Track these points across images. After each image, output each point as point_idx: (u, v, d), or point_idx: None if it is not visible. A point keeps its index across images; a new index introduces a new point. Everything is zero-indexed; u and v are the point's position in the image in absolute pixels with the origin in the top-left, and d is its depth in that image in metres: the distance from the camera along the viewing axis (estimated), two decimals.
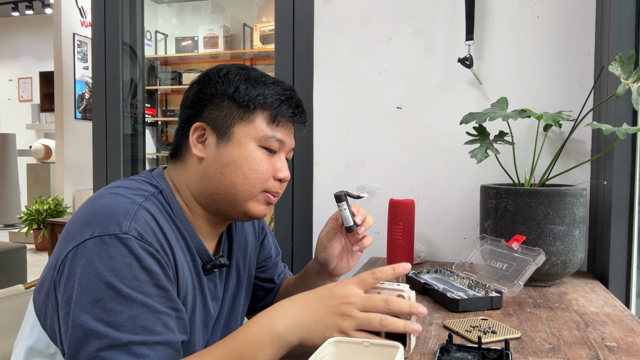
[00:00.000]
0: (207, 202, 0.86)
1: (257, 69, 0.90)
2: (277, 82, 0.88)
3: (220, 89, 0.85)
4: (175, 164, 0.89)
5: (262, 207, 0.87)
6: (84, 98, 5.58)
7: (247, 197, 0.84)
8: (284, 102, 0.86)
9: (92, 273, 0.68)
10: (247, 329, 0.72)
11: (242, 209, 0.86)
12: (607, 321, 0.92)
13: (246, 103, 0.84)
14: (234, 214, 0.87)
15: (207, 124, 0.85)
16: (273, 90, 0.86)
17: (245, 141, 0.84)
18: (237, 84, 0.85)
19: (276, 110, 0.85)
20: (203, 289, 0.88)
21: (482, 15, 1.47)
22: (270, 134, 0.85)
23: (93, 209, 0.74)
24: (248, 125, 0.84)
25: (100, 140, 2.01)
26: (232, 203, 0.85)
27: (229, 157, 0.83)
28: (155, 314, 0.70)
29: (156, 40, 4.94)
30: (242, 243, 1.01)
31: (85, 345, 0.66)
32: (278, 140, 0.86)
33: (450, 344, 0.75)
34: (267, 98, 0.84)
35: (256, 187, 0.84)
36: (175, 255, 0.78)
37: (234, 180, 0.83)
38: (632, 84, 1.08)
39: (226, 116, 0.84)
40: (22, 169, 6.54)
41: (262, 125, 0.84)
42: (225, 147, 0.83)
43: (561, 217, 1.13)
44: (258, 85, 0.85)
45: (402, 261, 1.34)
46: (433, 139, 1.52)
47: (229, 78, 0.85)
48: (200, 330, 0.87)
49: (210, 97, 0.85)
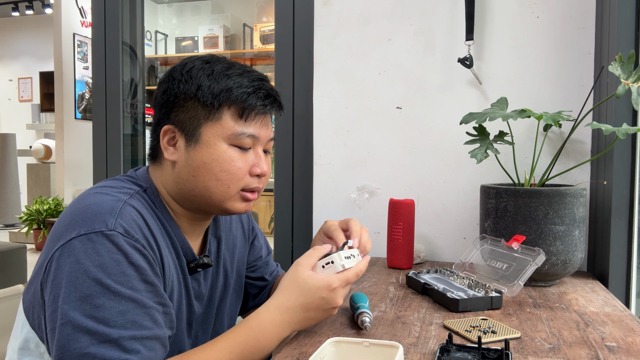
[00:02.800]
0: (186, 202, 0.86)
1: (226, 59, 0.85)
2: (245, 72, 0.84)
3: (183, 88, 0.82)
4: (153, 166, 0.89)
5: (241, 204, 0.85)
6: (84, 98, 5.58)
7: (223, 198, 0.83)
8: (251, 95, 0.81)
9: (80, 270, 0.68)
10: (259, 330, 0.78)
11: (220, 208, 0.85)
12: (607, 321, 0.92)
13: (210, 101, 0.80)
14: (215, 211, 0.86)
15: (176, 127, 0.83)
16: (238, 83, 0.81)
17: (214, 142, 0.81)
18: (199, 81, 0.81)
19: (243, 105, 0.81)
20: (187, 287, 0.88)
21: (482, 15, 1.47)
22: (240, 131, 0.81)
23: (78, 209, 0.74)
24: (215, 125, 0.81)
25: (100, 140, 2.01)
26: (209, 204, 0.84)
27: (199, 160, 0.81)
28: (144, 309, 0.71)
29: (156, 40, 4.94)
30: (231, 244, 1.01)
31: (75, 341, 0.66)
32: (250, 136, 0.82)
33: (450, 344, 0.75)
34: (231, 93, 0.80)
35: (230, 187, 0.82)
36: (162, 252, 0.78)
37: (207, 183, 0.81)
38: (632, 84, 1.08)
39: (192, 117, 0.81)
40: (22, 169, 6.54)
41: (230, 123, 0.81)
42: (195, 150, 0.81)
43: (561, 217, 1.14)
44: (222, 79, 0.81)
45: (403, 261, 1.35)
46: (433, 139, 1.52)
47: (192, 75, 0.82)
48: (185, 327, 0.88)
49: (175, 98, 0.83)
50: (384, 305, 1.02)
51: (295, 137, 1.71)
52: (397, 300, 1.05)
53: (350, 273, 0.82)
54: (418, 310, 0.98)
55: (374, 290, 1.13)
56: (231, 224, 1.03)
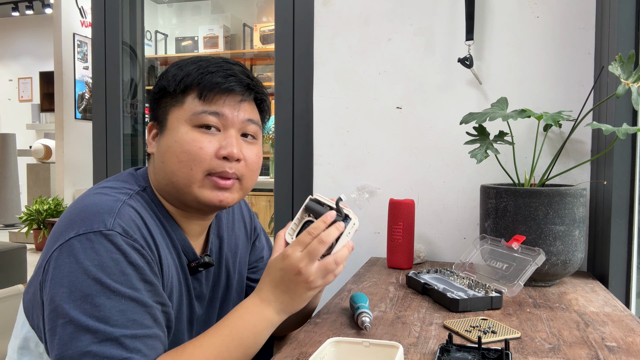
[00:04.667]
0: (167, 195, 0.85)
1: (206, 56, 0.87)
2: (211, 59, 0.84)
3: (159, 84, 0.85)
4: (148, 166, 0.91)
5: (211, 193, 0.81)
6: (84, 98, 5.58)
7: (189, 182, 0.80)
8: (211, 75, 0.81)
9: (79, 270, 0.68)
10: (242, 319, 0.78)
11: (190, 196, 0.82)
12: (607, 321, 0.92)
13: (174, 89, 0.82)
14: (190, 203, 0.83)
15: (154, 121, 0.86)
16: (200, 67, 0.82)
17: (177, 125, 0.81)
18: (169, 74, 0.84)
19: (202, 85, 0.81)
20: (189, 287, 0.88)
21: (482, 15, 1.47)
22: (201, 109, 0.80)
23: (77, 209, 0.75)
24: (179, 109, 0.82)
25: (100, 140, 2.01)
26: (179, 191, 0.82)
27: (165, 145, 0.82)
28: (144, 308, 0.71)
29: (156, 40, 4.94)
30: (233, 244, 1.01)
31: (76, 340, 0.66)
32: (213, 114, 0.81)
33: (450, 344, 0.75)
34: (190, 76, 0.81)
35: (193, 169, 0.80)
36: (160, 252, 0.79)
37: (171, 166, 0.81)
38: (632, 84, 1.08)
39: (163, 108, 0.84)
40: (22, 169, 6.54)
41: (192, 105, 0.81)
42: (163, 137, 0.83)
43: (561, 217, 1.14)
44: (186, 67, 0.83)
45: (403, 261, 1.35)
46: (433, 139, 1.52)
47: (167, 72, 0.85)
48: (186, 327, 0.88)
49: (155, 96, 0.86)
50: (384, 305, 1.02)
51: (295, 137, 1.71)
52: (397, 300, 1.05)
53: (302, 235, 0.79)
54: (418, 310, 0.98)
55: (374, 290, 1.13)
56: (234, 224, 1.03)
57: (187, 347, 0.74)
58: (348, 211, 0.83)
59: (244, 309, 0.79)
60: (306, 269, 0.77)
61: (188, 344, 0.75)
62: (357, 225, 0.83)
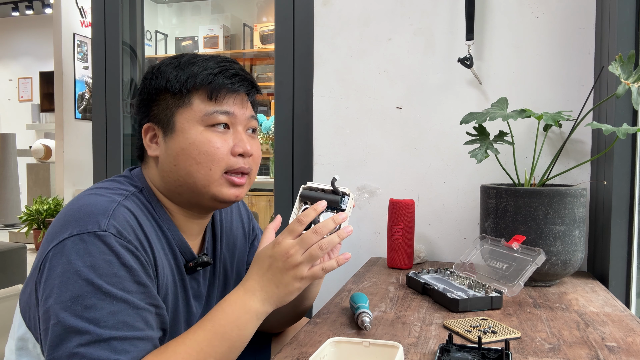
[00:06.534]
0: (175, 196, 0.86)
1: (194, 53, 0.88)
2: (210, 58, 0.86)
3: (154, 84, 0.85)
4: (143, 166, 0.90)
5: (229, 190, 0.84)
6: (84, 98, 5.58)
7: (208, 181, 0.82)
8: (217, 75, 0.83)
9: (72, 271, 0.68)
10: (225, 312, 0.76)
11: (208, 195, 0.83)
12: (607, 321, 0.92)
13: (179, 89, 0.82)
14: (204, 200, 0.85)
15: (154, 123, 0.85)
16: (203, 67, 0.83)
17: (188, 126, 0.82)
18: (168, 74, 0.84)
19: (211, 86, 0.82)
20: (185, 288, 0.88)
21: (482, 15, 1.47)
22: (212, 110, 0.82)
23: (72, 209, 0.75)
24: (187, 110, 0.82)
25: (100, 140, 2.01)
26: (195, 192, 0.83)
27: (177, 147, 0.82)
28: (135, 310, 0.71)
29: (156, 40, 4.94)
30: (231, 244, 1.01)
31: (65, 341, 0.66)
32: (224, 113, 0.83)
33: (450, 344, 0.75)
34: (197, 77, 0.82)
35: (212, 169, 0.82)
36: (155, 254, 0.78)
37: (188, 168, 0.82)
38: (632, 84, 1.08)
39: (165, 109, 0.84)
40: (22, 169, 6.54)
41: (201, 105, 0.82)
42: (172, 139, 0.83)
43: (561, 217, 1.13)
44: (188, 67, 0.83)
45: (403, 261, 1.35)
46: (433, 139, 1.52)
47: (161, 71, 0.85)
48: (183, 328, 0.87)
49: (148, 96, 0.85)
50: (384, 305, 1.01)
51: (295, 137, 1.71)
52: (397, 300, 1.05)
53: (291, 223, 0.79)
54: (418, 310, 0.98)
55: (374, 290, 1.13)
56: (232, 224, 1.03)
57: (171, 345, 0.73)
58: (344, 188, 0.85)
59: (226, 302, 0.78)
60: (296, 255, 0.77)
61: (172, 342, 0.74)
62: (354, 200, 0.85)
